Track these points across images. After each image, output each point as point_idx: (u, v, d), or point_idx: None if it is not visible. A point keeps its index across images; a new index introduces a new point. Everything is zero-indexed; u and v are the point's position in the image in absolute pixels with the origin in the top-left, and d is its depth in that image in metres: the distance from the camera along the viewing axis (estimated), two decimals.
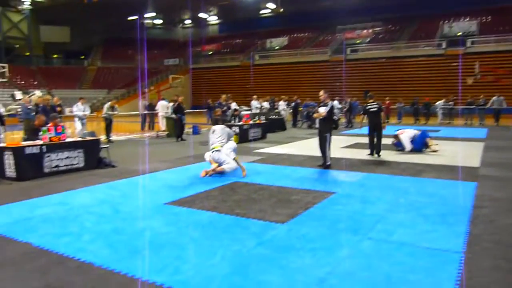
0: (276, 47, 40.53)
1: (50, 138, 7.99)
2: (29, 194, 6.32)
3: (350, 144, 12.69)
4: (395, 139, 11.07)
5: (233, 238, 4.31)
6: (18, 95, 26.13)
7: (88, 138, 9.07)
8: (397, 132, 11.16)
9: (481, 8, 32.94)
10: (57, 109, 12.50)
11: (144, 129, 18.33)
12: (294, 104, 21.72)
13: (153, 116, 18.27)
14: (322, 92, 8.65)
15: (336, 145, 9.49)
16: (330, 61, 34.69)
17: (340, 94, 26.28)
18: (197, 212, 5.32)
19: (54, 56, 48.66)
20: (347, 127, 19.83)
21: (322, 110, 8.46)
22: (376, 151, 9.98)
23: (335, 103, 16.64)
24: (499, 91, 22.29)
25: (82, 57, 48.00)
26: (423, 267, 3.58)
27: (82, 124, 13.84)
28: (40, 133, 8.11)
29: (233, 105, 18.42)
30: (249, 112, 16.12)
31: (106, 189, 6.78)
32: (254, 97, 21.99)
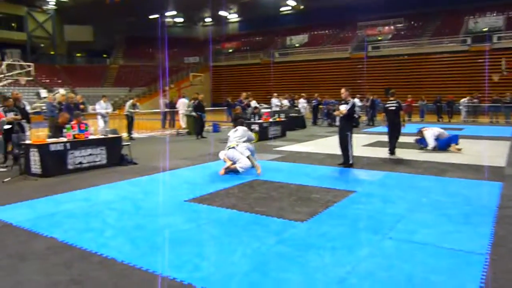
0: (296, 45, 40.29)
1: (74, 136, 8.17)
2: (54, 190, 6.48)
3: (371, 142, 12.54)
4: (419, 136, 10.89)
5: (252, 236, 4.32)
6: (43, 93, 26.77)
7: (110, 136, 9.23)
8: (422, 128, 10.98)
9: (507, 2, 31.95)
10: (81, 107, 12.75)
11: (165, 126, 18.53)
12: (315, 102, 21.59)
13: (173, 114, 18.44)
14: (343, 90, 8.56)
15: (357, 143, 9.38)
16: (351, 58, 34.28)
17: (361, 91, 26.01)
18: (217, 209, 5.35)
19: (78, 55, 49.66)
20: (369, 125, 19.60)
21: (343, 108, 8.39)
22: (390, 149, 9.81)
23: (356, 101, 16.45)
24: None
25: (104, 55, 48.84)
26: (445, 268, 3.51)
27: (104, 121, 14.10)
28: (64, 130, 8.30)
29: (253, 103, 18.44)
30: (269, 110, 16.10)
31: (128, 185, 6.88)
32: (274, 94, 21.95)
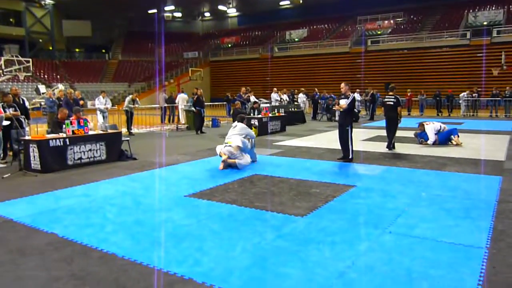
0: (296, 39, 40.14)
1: (73, 131, 8.16)
2: (54, 186, 6.49)
3: (370, 137, 12.54)
4: (420, 129, 10.91)
5: (252, 231, 4.33)
6: (42, 88, 26.70)
7: (110, 131, 9.22)
8: (424, 122, 11.04)
9: None
10: (80, 103, 12.74)
11: (164, 122, 18.52)
12: (316, 95, 21.59)
13: (173, 109, 18.43)
14: (343, 85, 8.55)
15: (356, 137, 9.40)
16: (351, 52, 34.18)
17: (360, 86, 25.98)
18: (217, 204, 5.36)
19: (76, 50, 49.51)
20: (370, 120, 19.59)
21: (343, 103, 8.38)
22: (388, 144, 9.83)
23: (356, 96, 16.44)
24: None
25: (103, 51, 48.70)
26: (445, 262, 3.52)
27: (103, 117, 14.09)
28: (63, 126, 8.29)
29: (252, 98, 18.41)
30: (268, 105, 16.08)
31: (128, 181, 6.89)
32: (274, 89, 21.91)
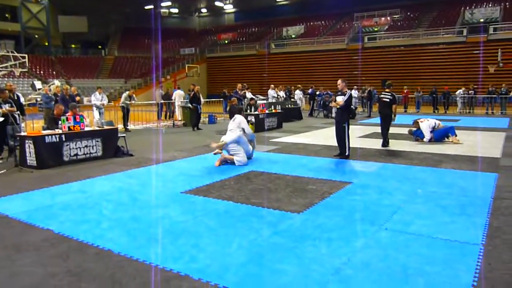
0: (293, 36, 40.08)
1: (69, 127, 8.12)
2: (49, 182, 6.46)
3: (367, 133, 12.56)
4: (414, 127, 10.86)
5: (249, 227, 4.33)
6: (38, 84, 26.51)
7: (106, 127, 9.19)
8: (418, 119, 10.93)
9: None
10: (76, 99, 12.68)
11: (160, 118, 18.46)
12: (310, 91, 21.60)
13: (169, 105, 18.37)
14: (340, 81, 8.55)
15: (353, 134, 9.40)
16: (348, 49, 34.17)
17: (357, 83, 26.00)
18: (213, 201, 5.36)
19: (72, 46, 49.23)
20: (367, 117, 19.60)
21: (340, 100, 8.37)
22: (382, 141, 9.84)
23: (353, 92, 16.45)
24: None
25: (99, 47, 48.44)
26: (440, 258, 3.53)
27: (100, 113, 14.03)
28: (59, 122, 8.25)
29: (248, 94, 18.38)
30: (265, 101, 16.07)
31: (124, 177, 6.87)
32: (272, 86, 21.89)
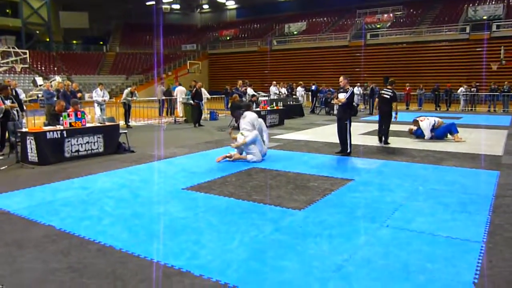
0: (295, 32, 39.95)
1: (70, 123, 8.13)
2: (51, 178, 6.47)
3: (368, 131, 12.53)
4: (415, 126, 10.80)
5: (250, 224, 4.33)
6: (39, 80, 26.55)
7: (107, 124, 9.18)
8: (418, 118, 10.88)
9: None
10: (78, 95, 12.68)
11: (162, 114, 18.46)
12: (313, 89, 21.57)
13: (171, 102, 18.36)
14: (342, 78, 8.52)
15: (354, 131, 9.39)
16: (350, 46, 34.06)
17: (359, 80, 25.93)
18: (215, 197, 5.36)
19: (74, 42, 49.17)
20: (369, 114, 19.55)
21: (342, 97, 8.35)
22: (384, 139, 9.81)
23: (355, 89, 16.42)
24: None
25: (101, 43, 48.38)
26: (442, 256, 3.53)
27: (101, 109, 14.03)
28: (60, 118, 8.25)
29: (249, 91, 18.35)
30: (266, 98, 16.04)
31: (125, 174, 6.87)
32: (274, 83, 21.85)
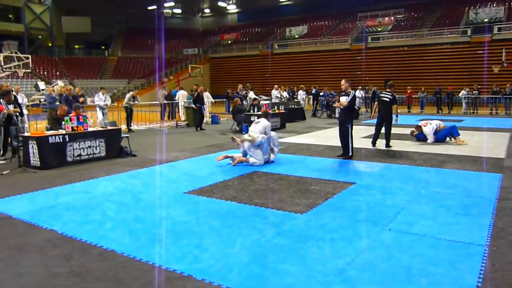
0: (296, 36, 40.06)
1: (72, 128, 8.14)
2: (53, 183, 6.48)
3: (370, 134, 12.48)
4: (417, 130, 10.78)
5: (252, 228, 4.32)
6: (41, 85, 26.61)
7: (109, 128, 9.20)
8: (421, 123, 10.87)
9: None
10: (80, 100, 12.71)
11: (164, 118, 18.49)
12: (314, 91, 21.58)
13: (172, 106, 18.40)
14: (343, 82, 8.52)
15: (356, 135, 9.39)
16: (351, 49, 34.12)
17: (361, 83, 25.95)
18: (216, 201, 5.35)
19: (76, 46, 49.36)
20: (371, 117, 19.52)
21: (344, 100, 8.35)
22: (386, 142, 9.78)
23: (356, 93, 16.41)
24: None
25: (103, 47, 48.56)
26: (444, 259, 3.51)
27: (103, 113, 14.07)
28: (63, 122, 8.27)
29: (251, 94, 18.37)
30: (268, 102, 16.06)
31: (127, 178, 6.88)
32: (275, 86, 21.88)
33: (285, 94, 21.63)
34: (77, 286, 3.13)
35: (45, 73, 36.47)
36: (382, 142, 9.87)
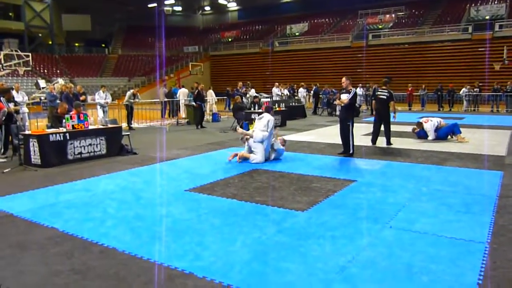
0: (296, 33, 39.99)
1: (73, 126, 8.14)
2: (54, 181, 6.48)
3: (371, 131, 12.46)
4: (418, 127, 10.77)
5: (253, 225, 4.32)
6: (42, 83, 26.64)
7: (110, 126, 9.20)
8: (421, 120, 10.85)
9: None
10: (81, 98, 12.71)
11: (164, 116, 18.49)
12: (315, 89, 21.55)
13: (173, 104, 18.40)
14: (344, 79, 8.51)
15: (357, 132, 9.37)
16: (352, 47, 34.05)
17: (362, 80, 25.91)
18: (217, 199, 5.36)
19: (76, 44, 49.33)
20: (371, 114, 19.49)
21: (345, 97, 8.34)
22: (386, 140, 9.76)
23: (358, 90, 16.39)
24: None
25: (103, 45, 48.53)
26: (445, 257, 3.51)
27: (104, 111, 14.07)
28: (63, 120, 8.27)
29: (252, 92, 18.37)
30: (268, 99, 16.05)
31: (128, 175, 6.88)
32: (276, 84, 21.86)
33: (285, 91, 21.61)
34: (78, 283, 3.13)
35: (46, 71, 36.45)
36: (383, 139, 9.86)
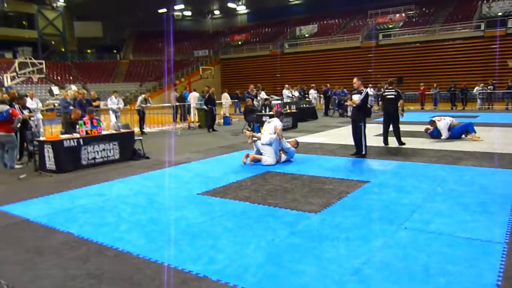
0: (306, 35, 39.92)
1: (86, 131, 8.24)
2: (69, 186, 6.56)
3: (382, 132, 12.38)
4: (431, 126, 10.66)
5: (266, 228, 4.31)
6: (55, 90, 27.01)
7: (122, 131, 9.28)
8: (434, 118, 10.73)
9: None
10: (94, 104, 12.86)
11: (176, 120, 18.59)
12: (327, 90, 21.42)
13: (184, 108, 18.50)
14: (355, 80, 8.46)
15: (369, 133, 9.30)
16: (362, 47, 33.85)
17: (372, 81, 25.73)
18: (230, 202, 5.36)
19: (88, 51, 50.00)
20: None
21: (356, 98, 8.29)
22: (397, 141, 9.65)
23: (369, 91, 16.28)
24: None
25: (114, 51, 49.08)
26: (462, 257, 3.46)
27: (116, 117, 14.20)
28: (77, 126, 8.37)
29: (262, 94, 18.36)
30: (279, 102, 16.03)
31: (141, 180, 6.93)
32: (286, 86, 21.83)
33: (296, 93, 21.55)
34: (94, 287, 3.16)
35: (59, 78, 36.99)
36: (394, 139, 9.77)
